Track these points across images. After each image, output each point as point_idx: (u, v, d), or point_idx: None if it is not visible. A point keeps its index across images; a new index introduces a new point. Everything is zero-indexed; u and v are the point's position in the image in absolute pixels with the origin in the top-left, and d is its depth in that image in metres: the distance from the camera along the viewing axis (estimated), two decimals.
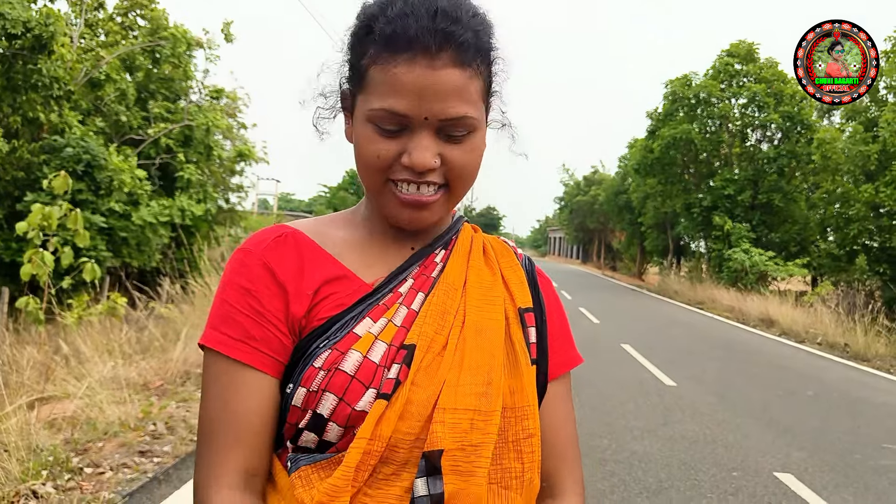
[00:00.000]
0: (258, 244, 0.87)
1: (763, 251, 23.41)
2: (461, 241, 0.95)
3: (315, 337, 0.83)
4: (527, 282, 0.95)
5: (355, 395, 0.79)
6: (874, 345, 12.33)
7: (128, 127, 15.61)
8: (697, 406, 6.95)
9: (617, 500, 4.15)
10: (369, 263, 0.90)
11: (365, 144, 0.84)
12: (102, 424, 4.84)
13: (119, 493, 3.81)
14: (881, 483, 4.90)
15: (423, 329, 0.84)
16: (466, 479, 0.80)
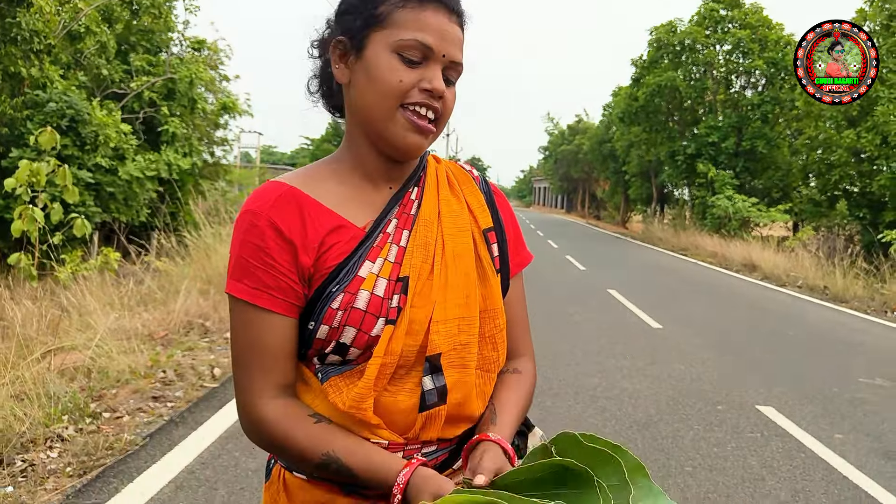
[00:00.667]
0: (263, 204, 1.00)
1: (746, 198, 23.69)
2: (429, 176, 1.12)
3: (328, 283, 0.99)
4: (486, 203, 1.15)
5: (369, 325, 0.98)
6: (852, 287, 12.71)
7: (109, 81, 15.41)
8: (682, 346, 7.25)
9: (609, 433, 4.40)
10: (358, 209, 1.05)
11: (387, 72, 0.98)
12: (114, 373, 5.00)
13: (139, 434, 4.00)
14: (856, 413, 5.21)
15: (413, 261, 1.02)
16: (461, 371, 1.04)
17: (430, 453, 1.05)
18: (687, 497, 3.51)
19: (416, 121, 0.99)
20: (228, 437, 4.01)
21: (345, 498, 1.03)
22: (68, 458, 3.63)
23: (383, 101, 0.99)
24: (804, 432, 4.63)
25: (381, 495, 0.97)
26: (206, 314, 6.84)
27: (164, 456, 3.70)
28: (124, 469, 3.52)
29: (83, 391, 4.59)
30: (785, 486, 3.73)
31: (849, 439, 4.58)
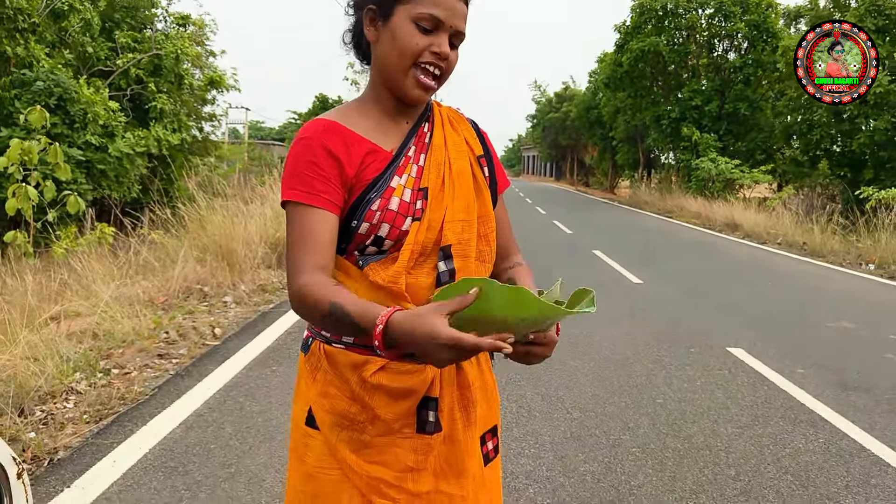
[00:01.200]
0: (315, 132, 1.30)
1: (729, 160, 23.98)
2: (436, 115, 1.43)
3: (367, 191, 1.29)
4: (476, 136, 1.48)
5: (400, 222, 1.29)
6: (829, 242, 13.08)
7: (95, 58, 15.41)
8: (662, 298, 7.58)
9: (588, 372, 4.73)
10: (384, 137, 1.35)
11: (407, 37, 1.27)
12: (119, 335, 5.26)
13: (147, 387, 4.28)
14: (819, 352, 5.56)
15: (429, 176, 1.34)
16: (464, 259, 1.35)
17: None
18: (656, 424, 3.84)
19: (423, 79, 1.29)
20: (232, 385, 4.30)
21: (377, 359, 1.29)
22: (84, 407, 3.91)
23: (401, 59, 1.28)
24: (769, 369, 4.98)
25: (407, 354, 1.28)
26: (203, 280, 7.09)
27: (173, 403, 3.98)
28: (137, 415, 3.80)
29: (91, 351, 4.86)
30: (746, 413, 4.07)
31: (810, 374, 4.92)
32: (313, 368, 1.37)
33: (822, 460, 3.44)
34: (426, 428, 1.33)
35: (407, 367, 1.30)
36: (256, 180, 16.11)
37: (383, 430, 1.32)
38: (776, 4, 26.79)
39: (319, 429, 1.35)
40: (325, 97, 32.15)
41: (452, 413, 1.36)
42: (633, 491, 3.03)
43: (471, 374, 1.40)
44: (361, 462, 1.32)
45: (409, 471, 1.33)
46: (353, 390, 1.32)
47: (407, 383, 1.31)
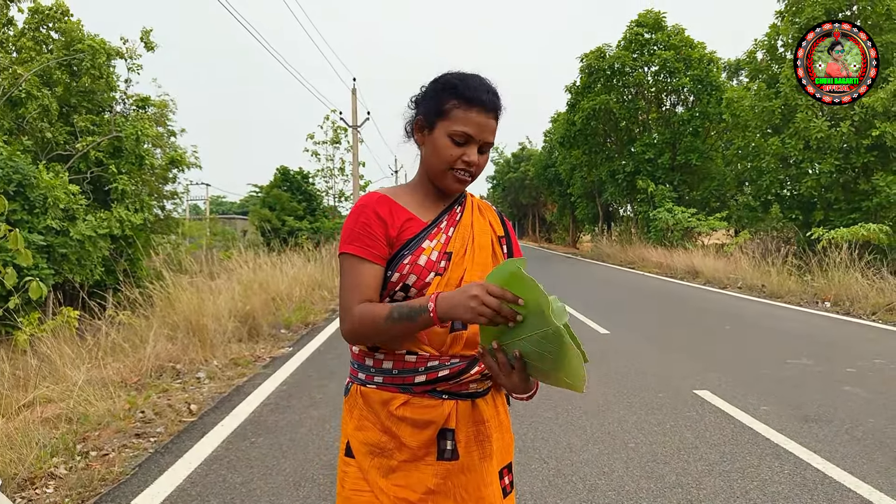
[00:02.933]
0: (370, 201, 1.62)
1: (685, 209, 24.69)
2: (468, 203, 1.75)
3: (402, 248, 1.59)
4: (500, 222, 1.81)
5: (425, 275, 1.57)
6: (786, 283, 13.51)
7: (54, 143, 15.48)
8: (629, 347, 7.78)
9: (562, 423, 4.86)
10: (424, 212, 1.67)
11: (444, 148, 1.59)
12: (94, 417, 5.25)
13: (128, 466, 4.28)
14: (782, 389, 5.78)
15: (455, 245, 1.64)
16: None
17: (455, 362, 1.59)
18: (630, 467, 3.97)
19: (459, 177, 1.61)
20: (213, 459, 4.33)
21: (402, 395, 1.58)
22: (65, 491, 3.91)
23: (440, 164, 1.61)
24: (735, 408, 5.16)
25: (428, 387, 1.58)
26: (175, 357, 7.09)
27: (155, 480, 4.00)
28: (119, 495, 3.82)
29: (68, 434, 4.85)
30: (715, 451, 4.23)
31: (773, 410, 5.12)
32: (351, 407, 1.66)
33: (788, 490, 3.60)
34: (444, 455, 1.58)
35: (427, 402, 1.58)
36: (222, 255, 16.16)
37: (409, 456, 1.58)
38: (717, 59, 28.10)
39: (355, 457, 1.62)
40: (286, 169, 32.40)
41: (469, 446, 1.61)
42: None
43: (486, 411, 1.64)
44: (389, 485, 1.57)
45: (430, 493, 1.57)
46: (383, 423, 1.59)
47: (427, 415, 1.58)
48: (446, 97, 1.58)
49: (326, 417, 5.15)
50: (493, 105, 1.59)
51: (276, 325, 9.71)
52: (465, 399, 1.61)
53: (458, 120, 1.56)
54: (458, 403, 1.60)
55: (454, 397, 1.60)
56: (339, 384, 6.21)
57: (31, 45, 16.42)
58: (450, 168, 1.59)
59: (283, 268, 13.50)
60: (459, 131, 1.56)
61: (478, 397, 1.63)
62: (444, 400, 1.59)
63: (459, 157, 1.58)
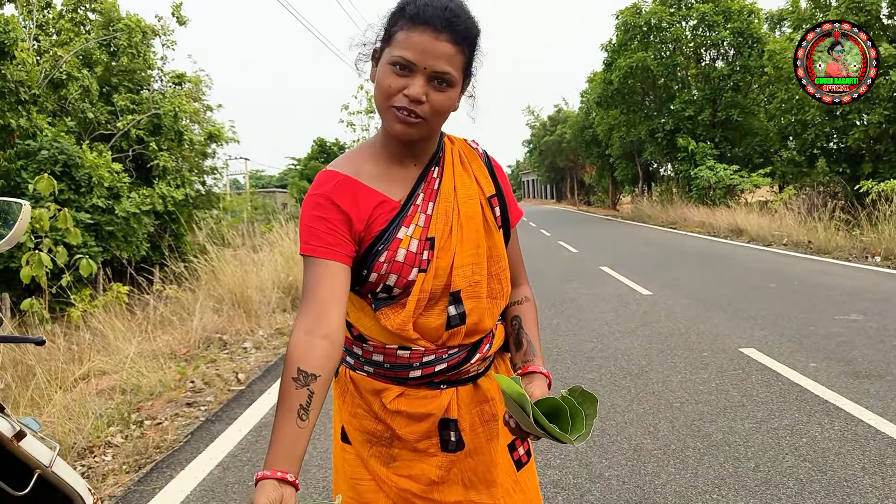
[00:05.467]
0: (325, 188, 1.33)
1: (727, 166, 24.16)
2: (447, 157, 1.43)
3: (374, 243, 1.33)
4: (489, 175, 1.48)
5: (407, 273, 1.34)
6: (834, 238, 13.18)
7: (96, 123, 15.76)
8: (671, 308, 7.69)
9: (606, 384, 4.85)
10: (393, 185, 1.37)
11: (383, 78, 1.28)
12: (147, 388, 5.41)
13: (180, 434, 4.41)
14: (830, 345, 5.67)
15: (437, 225, 1.36)
16: (476, 300, 1.39)
17: (454, 353, 1.41)
18: (675, 426, 3.95)
19: (400, 116, 1.27)
20: (262, 426, 4.43)
21: (396, 387, 1.41)
22: (122, 458, 4.05)
23: (381, 100, 1.30)
24: (782, 365, 5.09)
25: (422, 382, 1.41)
26: (222, 329, 7.25)
27: (207, 447, 4.12)
28: (174, 461, 3.94)
29: (123, 405, 5.01)
30: (762, 408, 4.18)
31: (822, 367, 5.03)
32: (343, 391, 1.49)
33: (839, 446, 3.55)
34: (448, 447, 1.44)
35: (424, 393, 1.42)
36: (263, 227, 16.36)
37: (408, 446, 1.44)
38: (758, 10, 27.21)
39: (352, 444, 1.48)
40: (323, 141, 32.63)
41: (475, 428, 1.46)
42: (657, 490, 3.14)
43: (490, 389, 1.48)
44: (391, 475, 1.44)
45: (434, 484, 1.44)
46: (376, 413, 1.44)
47: (424, 408, 1.42)
48: (394, 19, 1.30)
49: None
50: (445, 23, 1.25)
51: None
52: (465, 384, 1.46)
53: (398, 43, 1.26)
54: (458, 390, 1.45)
55: (453, 385, 1.44)
56: None
57: (69, 27, 16.66)
58: (391, 105, 1.27)
59: None
60: (398, 56, 1.25)
61: (479, 377, 1.49)
62: (443, 390, 1.43)
63: (399, 90, 1.26)
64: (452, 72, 1.28)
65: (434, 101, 1.28)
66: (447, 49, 1.26)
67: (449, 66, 1.27)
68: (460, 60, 1.30)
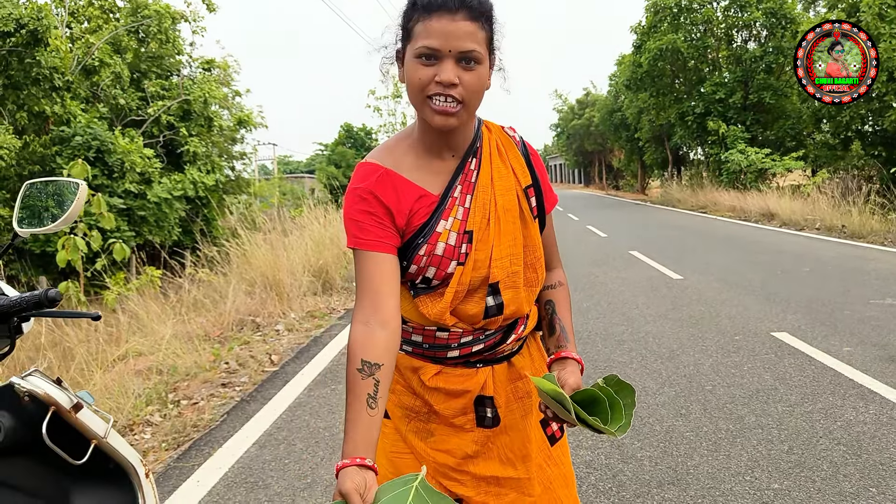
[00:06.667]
0: (367, 182, 1.36)
1: (759, 149, 23.80)
2: (484, 147, 1.43)
3: (415, 237, 1.37)
4: (525, 164, 1.48)
5: (445, 266, 1.37)
6: (869, 222, 12.96)
7: (127, 109, 15.94)
8: (702, 292, 7.64)
9: (637, 367, 4.85)
10: (432, 178, 1.39)
11: (413, 73, 1.29)
12: (182, 369, 5.52)
13: (217, 413, 4.51)
14: (865, 329, 5.60)
15: (475, 218, 1.39)
16: (513, 290, 1.42)
17: (490, 335, 1.45)
18: (707, 408, 3.95)
19: (436, 107, 1.28)
20: (296, 406, 4.51)
21: (434, 365, 1.46)
22: (161, 436, 4.15)
23: (415, 95, 1.31)
24: (815, 349, 5.04)
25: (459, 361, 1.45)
26: (254, 311, 7.35)
27: (243, 426, 4.20)
28: (211, 440, 4.03)
29: (160, 385, 5.12)
30: (795, 392, 4.16)
31: (856, 351, 4.98)
32: None
33: (874, 430, 3.52)
34: (485, 423, 1.48)
35: (460, 372, 1.46)
36: (292, 212, 16.49)
37: (446, 421, 1.48)
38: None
39: (390, 418, 1.52)
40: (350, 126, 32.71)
41: (510, 405, 1.50)
42: (689, 471, 3.15)
43: (524, 366, 1.52)
44: (428, 449, 1.48)
45: (469, 458, 1.48)
46: (415, 389, 1.49)
47: (461, 385, 1.46)
48: (409, 14, 1.31)
49: None
50: (458, 3, 1.25)
51: (349, 278, 9.91)
52: (500, 363, 1.51)
53: (419, 35, 1.27)
54: (493, 369, 1.49)
55: (489, 364, 1.49)
56: None
57: (98, 14, 16.85)
58: (426, 96, 1.28)
59: None
60: (420, 46, 1.26)
61: (513, 356, 1.53)
62: (479, 368, 1.48)
63: (431, 79, 1.26)
64: (477, 48, 1.27)
65: (466, 81, 1.28)
66: (467, 27, 1.26)
67: (473, 44, 1.27)
68: (483, 36, 1.30)
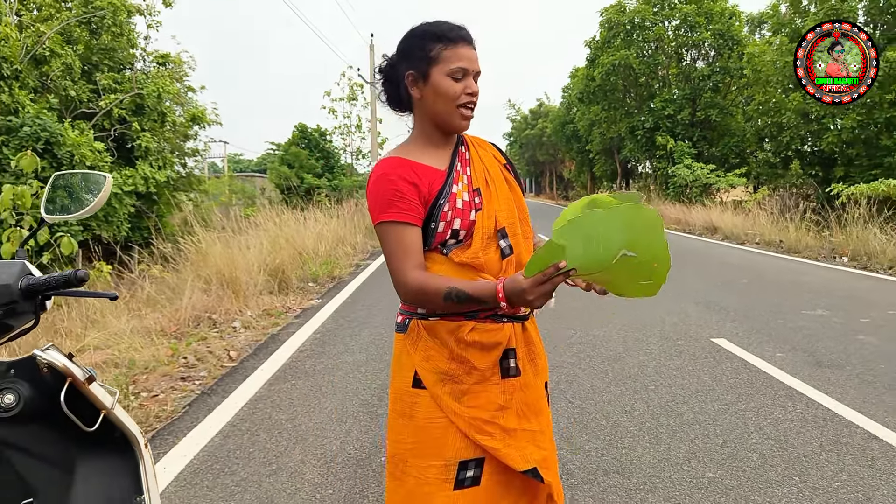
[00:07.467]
0: (391, 167, 1.68)
1: (704, 165, 24.62)
2: (467, 140, 1.85)
3: (437, 199, 1.68)
4: (499, 152, 1.93)
5: (468, 215, 1.69)
6: (804, 239, 13.61)
7: (78, 101, 15.66)
8: (647, 299, 7.99)
9: (585, 368, 5.11)
10: (437, 161, 1.75)
11: (448, 88, 1.69)
12: (141, 362, 5.57)
13: (178, 405, 4.59)
14: (796, 337, 5.99)
15: (478, 181, 1.76)
16: (515, 237, 1.75)
17: None
18: (650, 406, 4.22)
19: (466, 113, 1.71)
20: (257, 399, 4.62)
21: (468, 322, 1.69)
22: None
23: (447, 105, 1.70)
24: (751, 354, 5.39)
25: (488, 314, 1.70)
26: (211, 308, 7.40)
27: (205, 417, 4.30)
28: (175, 429, 4.12)
29: (120, 378, 5.17)
30: (731, 392, 4.47)
31: (787, 356, 5.34)
32: (415, 340, 1.75)
33: (800, 426, 3.84)
34: (509, 373, 1.74)
35: (490, 326, 1.71)
36: (244, 212, 16.43)
37: (478, 378, 1.71)
38: (739, 13, 27.67)
39: (426, 387, 1.74)
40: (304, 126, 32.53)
41: (524, 364, 1.77)
42: (633, 461, 3.40)
43: (533, 333, 1.82)
44: (462, 407, 1.70)
45: (501, 409, 1.72)
46: (452, 350, 1.71)
47: (493, 338, 1.71)
48: (430, 44, 1.68)
49: (361, 363, 5.44)
50: (470, 37, 1.71)
51: (304, 278, 10.00)
52: (518, 322, 1.77)
53: (450, 59, 1.66)
54: (514, 325, 1.75)
55: (512, 320, 1.74)
56: (371, 333, 6.50)
57: (50, 2, 16.50)
58: (457, 105, 1.68)
59: (308, 224, 13.77)
60: (456, 67, 1.66)
61: (525, 321, 1.79)
62: (505, 323, 1.72)
63: (463, 91, 1.67)
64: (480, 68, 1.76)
65: (477, 91, 1.74)
66: (476, 54, 1.74)
67: (479, 66, 1.75)
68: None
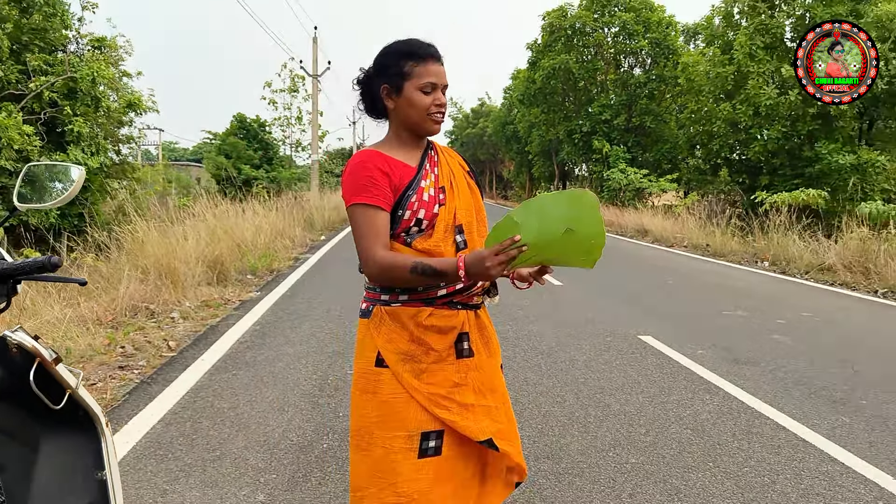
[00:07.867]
0: (367, 157, 1.88)
1: (638, 170, 25.38)
2: (434, 145, 2.04)
3: (406, 190, 1.87)
4: (464, 161, 2.14)
5: (431, 206, 1.89)
6: (729, 243, 14.26)
7: (6, 82, 15.13)
8: (580, 298, 8.31)
9: (520, 361, 5.34)
10: (409, 158, 1.94)
11: (420, 100, 1.89)
12: (77, 351, 5.52)
13: (118, 394, 4.60)
14: (717, 336, 6.37)
15: (444, 181, 1.96)
16: (470, 234, 1.96)
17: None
18: (579, 397, 4.47)
19: (436, 118, 1.91)
20: (199, 388, 4.67)
21: (427, 307, 1.89)
22: None
23: (418, 114, 1.90)
24: (674, 351, 5.72)
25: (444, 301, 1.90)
26: (148, 298, 7.34)
27: (147, 406, 4.33)
28: (115, 417, 4.14)
29: None
30: (654, 386, 4.76)
31: (708, 353, 5.69)
32: (377, 324, 1.93)
33: (716, 417, 4.14)
34: (463, 354, 1.94)
35: (447, 313, 1.92)
36: (179, 202, 16.15)
37: (435, 358, 1.91)
38: (675, 23, 28.59)
39: (388, 366, 1.90)
40: (243, 116, 32.09)
41: (478, 347, 1.97)
42: (562, 448, 3.63)
43: (485, 320, 2.03)
44: (421, 384, 1.89)
45: (456, 386, 1.91)
46: (412, 333, 1.90)
47: (449, 322, 1.92)
48: (403, 61, 1.88)
49: (301, 354, 5.53)
50: (439, 54, 1.92)
51: (243, 270, 9.98)
52: (471, 309, 1.97)
53: (421, 74, 1.86)
54: (468, 312, 1.96)
55: (465, 307, 1.95)
56: (311, 325, 6.58)
57: None
58: (427, 114, 1.88)
59: (246, 216, 13.67)
60: (426, 82, 1.87)
61: (477, 309, 2.00)
62: (459, 310, 1.94)
63: (432, 103, 1.88)
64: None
65: (445, 102, 1.96)
66: (443, 69, 1.96)
67: (447, 79, 1.96)
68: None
